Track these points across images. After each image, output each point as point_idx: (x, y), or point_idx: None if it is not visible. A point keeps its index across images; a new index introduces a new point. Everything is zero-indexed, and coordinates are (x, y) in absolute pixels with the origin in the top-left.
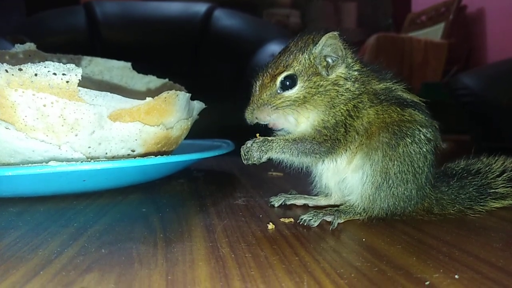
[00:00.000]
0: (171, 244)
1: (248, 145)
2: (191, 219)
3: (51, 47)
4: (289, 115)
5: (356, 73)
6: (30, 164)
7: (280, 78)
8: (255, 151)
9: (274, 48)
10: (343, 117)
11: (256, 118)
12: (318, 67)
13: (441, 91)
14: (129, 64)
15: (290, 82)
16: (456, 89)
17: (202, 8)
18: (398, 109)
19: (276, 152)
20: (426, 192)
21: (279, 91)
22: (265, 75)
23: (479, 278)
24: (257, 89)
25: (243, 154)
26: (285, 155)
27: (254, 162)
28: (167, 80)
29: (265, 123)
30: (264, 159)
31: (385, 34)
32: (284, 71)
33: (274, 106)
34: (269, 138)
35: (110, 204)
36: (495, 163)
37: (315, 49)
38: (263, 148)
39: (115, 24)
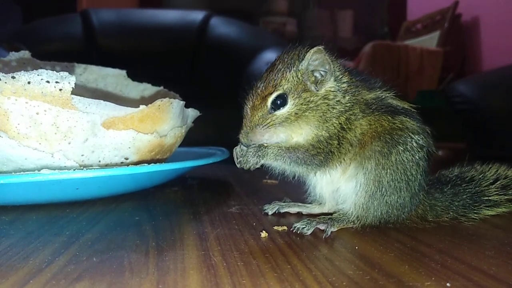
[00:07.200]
0: (163, 252)
1: (243, 148)
2: (184, 227)
3: (47, 54)
4: (282, 133)
5: (345, 85)
6: (22, 172)
7: (270, 99)
8: (251, 157)
9: (270, 56)
10: (336, 130)
11: (251, 140)
12: (306, 83)
13: (436, 98)
14: (124, 72)
15: (280, 101)
16: (451, 97)
17: (198, 16)
18: (389, 117)
19: (270, 158)
20: (419, 199)
21: (270, 111)
22: (254, 96)
23: (471, 285)
24: (249, 111)
25: (236, 158)
26: (278, 162)
27: (249, 167)
28: (161, 87)
29: (260, 143)
30: (259, 165)
31: (381, 42)
32: (273, 91)
33: (266, 125)
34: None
35: (103, 212)
36: (488, 170)
37: (301, 65)
38: (259, 154)
39: (112, 32)
